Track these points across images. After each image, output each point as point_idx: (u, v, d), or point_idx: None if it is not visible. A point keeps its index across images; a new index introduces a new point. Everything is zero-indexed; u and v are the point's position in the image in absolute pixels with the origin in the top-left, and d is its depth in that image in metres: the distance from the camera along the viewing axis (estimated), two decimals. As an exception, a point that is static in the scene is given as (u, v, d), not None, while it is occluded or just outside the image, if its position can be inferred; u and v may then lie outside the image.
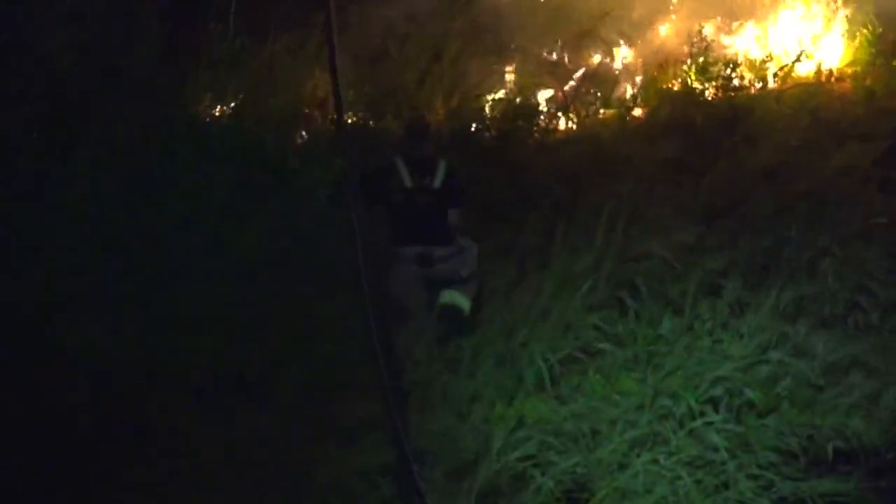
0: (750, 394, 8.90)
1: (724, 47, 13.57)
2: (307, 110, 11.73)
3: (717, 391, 8.99)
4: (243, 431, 8.03)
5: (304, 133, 11.38)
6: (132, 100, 10.51)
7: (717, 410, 8.70)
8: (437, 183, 9.91)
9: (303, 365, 8.81)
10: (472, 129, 12.05)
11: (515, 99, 12.87)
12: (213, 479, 7.66)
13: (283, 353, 8.82)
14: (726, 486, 7.90)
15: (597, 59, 13.45)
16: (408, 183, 9.87)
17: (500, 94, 13.05)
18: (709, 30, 13.65)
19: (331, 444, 8.15)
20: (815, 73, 13.29)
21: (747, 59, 13.28)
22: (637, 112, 12.76)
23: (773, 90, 12.81)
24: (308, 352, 8.87)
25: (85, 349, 8.18)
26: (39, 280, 8.44)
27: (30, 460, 7.46)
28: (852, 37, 13.76)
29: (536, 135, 12.32)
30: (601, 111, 12.74)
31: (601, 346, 9.44)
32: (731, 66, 12.91)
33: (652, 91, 12.95)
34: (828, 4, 14.02)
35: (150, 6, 11.35)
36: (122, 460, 7.67)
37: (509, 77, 13.11)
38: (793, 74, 13.09)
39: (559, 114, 12.64)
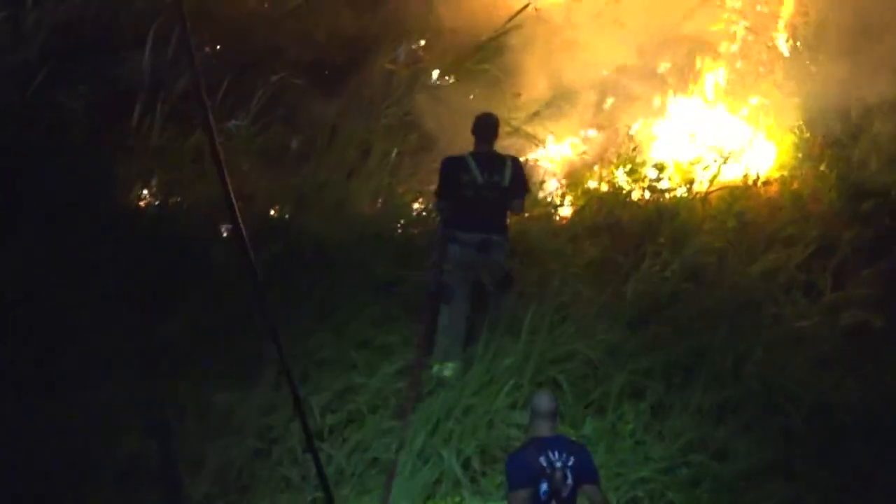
0: (671, 496, 8.90)
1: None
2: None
3: (639, 493, 8.99)
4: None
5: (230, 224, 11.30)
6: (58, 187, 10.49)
7: (637, 512, 8.69)
8: (505, 181, 10.48)
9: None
10: (399, 227, 12.04)
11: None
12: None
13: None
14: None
15: (525, 157, 13.47)
16: (479, 180, 10.43)
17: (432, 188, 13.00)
18: (636, 128, 13.76)
19: None
20: (743, 176, 13.37)
21: (674, 162, 13.35)
22: (564, 211, 12.78)
23: (699, 192, 12.88)
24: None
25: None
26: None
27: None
28: (780, 141, 13.90)
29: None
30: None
31: (524, 444, 9.38)
32: (658, 167, 12.98)
33: (579, 191, 13.01)
34: (758, 108, 14.17)
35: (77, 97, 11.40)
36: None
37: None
38: (720, 177, 13.15)
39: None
